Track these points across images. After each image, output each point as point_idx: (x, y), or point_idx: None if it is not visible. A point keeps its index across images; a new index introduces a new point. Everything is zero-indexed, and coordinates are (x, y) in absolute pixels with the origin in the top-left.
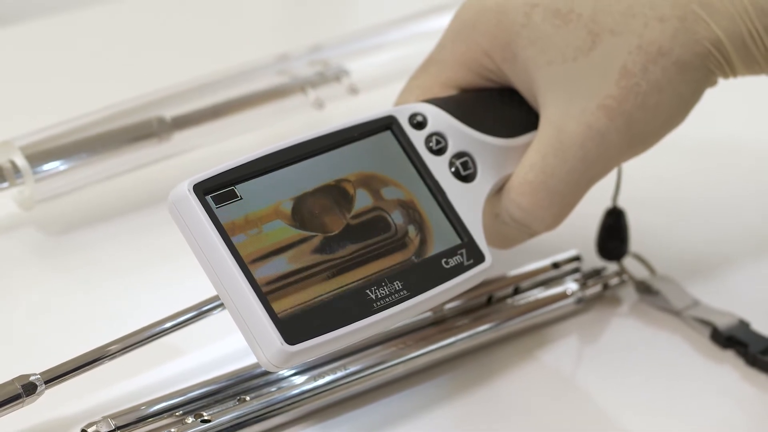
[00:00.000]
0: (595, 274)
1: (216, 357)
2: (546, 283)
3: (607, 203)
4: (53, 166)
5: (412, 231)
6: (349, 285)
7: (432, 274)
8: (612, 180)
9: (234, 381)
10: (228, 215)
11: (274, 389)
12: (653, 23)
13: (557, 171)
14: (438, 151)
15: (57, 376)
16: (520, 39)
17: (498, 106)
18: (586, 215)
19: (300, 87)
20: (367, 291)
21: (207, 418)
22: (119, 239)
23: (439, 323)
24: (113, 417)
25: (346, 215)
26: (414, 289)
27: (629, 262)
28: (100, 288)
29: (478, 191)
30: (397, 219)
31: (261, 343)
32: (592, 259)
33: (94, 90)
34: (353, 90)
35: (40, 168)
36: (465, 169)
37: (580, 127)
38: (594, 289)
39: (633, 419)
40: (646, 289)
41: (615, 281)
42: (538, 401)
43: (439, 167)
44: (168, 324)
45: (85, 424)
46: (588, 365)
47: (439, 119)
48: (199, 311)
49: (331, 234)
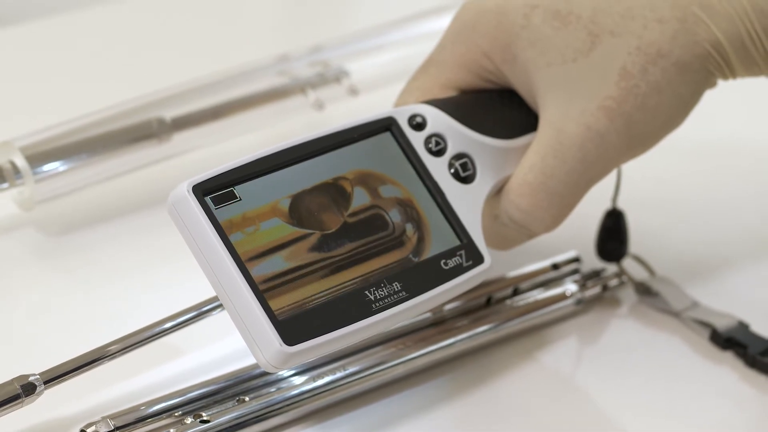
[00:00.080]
0: (595, 275)
1: (215, 357)
2: (545, 285)
3: (607, 204)
4: (53, 166)
5: (409, 229)
6: (347, 284)
7: (431, 275)
8: (611, 181)
9: (233, 381)
10: (227, 216)
11: (273, 390)
12: (653, 24)
13: (556, 172)
14: (437, 153)
15: (56, 376)
16: (519, 40)
17: (497, 107)
18: (585, 216)
19: (300, 88)
20: (366, 292)
21: (206, 418)
22: (119, 240)
23: (439, 324)
24: (112, 417)
25: (343, 213)
26: (413, 290)
27: (629, 263)
28: (100, 288)
29: (477, 192)
30: (395, 217)
31: (260, 344)
32: (591, 261)
33: (94, 90)
34: (353, 91)
35: (40, 169)
36: (464, 171)
37: (579, 128)
38: (593, 291)
39: (632, 420)
40: (645, 291)
41: (614, 282)
42: (537, 402)
43: (439, 168)
44: (167, 324)
45: (85, 424)
46: (587, 366)
47: (439, 120)
48: (199, 312)
49: (329, 232)
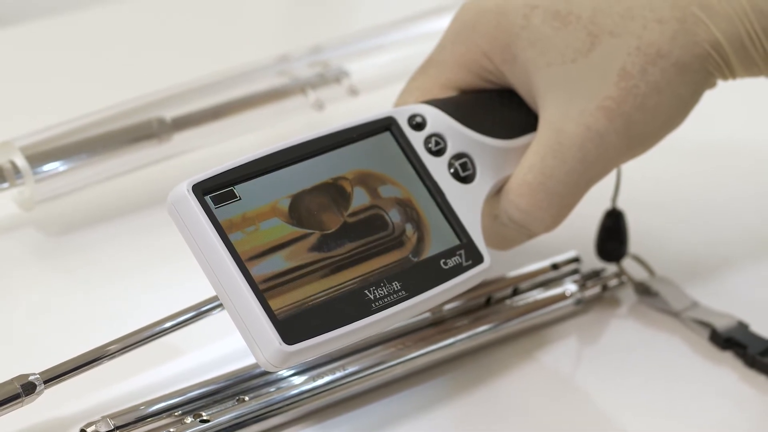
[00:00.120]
0: (594, 275)
1: (215, 357)
2: (545, 284)
3: (607, 204)
4: (53, 166)
5: (409, 229)
6: (347, 283)
7: (431, 274)
8: (611, 181)
9: (233, 381)
10: (227, 215)
11: (273, 389)
12: (652, 25)
13: (556, 172)
14: (437, 152)
15: (56, 375)
16: (519, 40)
17: (497, 107)
18: (585, 216)
19: (300, 88)
20: (366, 291)
21: (206, 418)
22: (119, 240)
23: (438, 324)
24: (112, 417)
25: (343, 213)
26: (412, 290)
27: (628, 263)
28: (100, 288)
29: (477, 192)
30: (395, 217)
31: (259, 343)
32: (591, 261)
33: (94, 90)
34: (353, 91)
35: (40, 168)
36: (464, 170)
37: (579, 129)
38: (593, 291)
39: (632, 420)
40: (645, 291)
41: (614, 282)
42: (537, 402)
43: (438, 168)
44: (167, 324)
45: (84, 423)
46: (587, 366)
47: (439, 120)
48: (199, 311)
49: (328, 232)
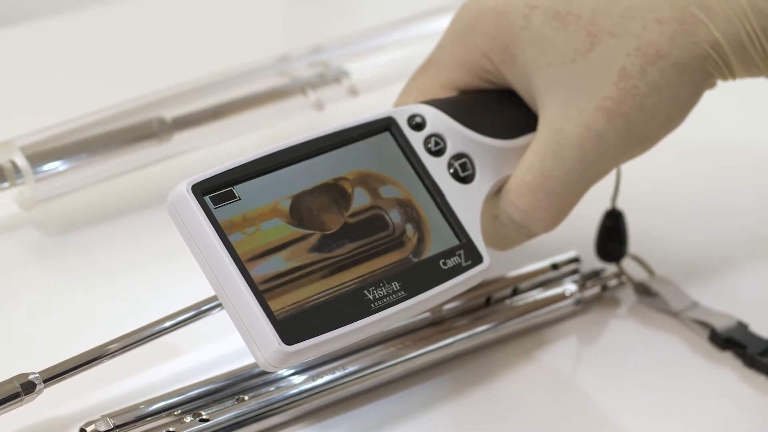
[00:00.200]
0: (594, 275)
1: (215, 356)
2: (545, 284)
3: (606, 205)
4: (53, 166)
5: (409, 230)
6: (347, 284)
7: (430, 274)
8: (611, 181)
9: (232, 380)
10: (226, 215)
11: (272, 389)
12: (652, 25)
13: (555, 172)
14: (437, 153)
15: (56, 375)
16: (519, 41)
17: (497, 107)
18: (584, 216)
19: (300, 88)
20: (365, 291)
21: (205, 417)
22: (119, 240)
23: (438, 324)
24: (112, 416)
25: (343, 213)
26: (412, 290)
27: (628, 263)
28: (100, 288)
29: (476, 192)
30: (395, 218)
31: (259, 343)
32: (590, 261)
33: (94, 90)
34: (353, 91)
35: (40, 168)
36: (463, 171)
37: (578, 129)
38: (593, 291)
39: (632, 420)
40: (644, 291)
41: (614, 283)
42: (536, 402)
43: (438, 168)
44: (167, 323)
45: (84, 423)
46: (587, 366)
47: (438, 120)
48: (198, 311)
49: (329, 232)
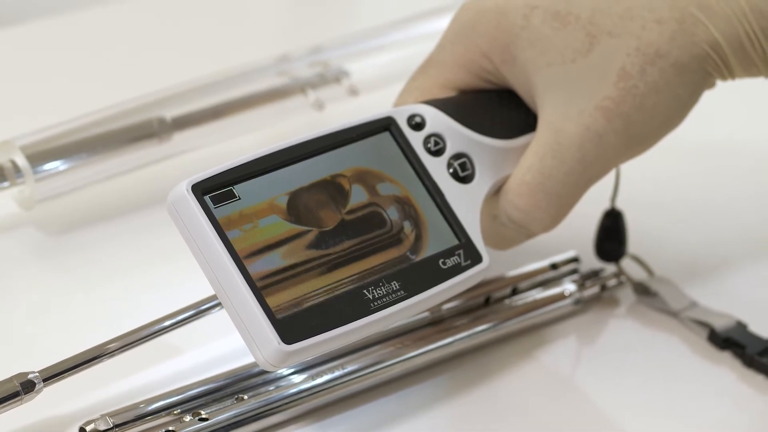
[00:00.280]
0: (593, 275)
1: (214, 356)
2: (544, 284)
3: (606, 204)
4: (53, 165)
5: (407, 227)
6: (345, 281)
7: (429, 274)
8: (610, 181)
9: (232, 380)
10: (225, 215)
11: (272, 388)
12: (651, 25)
13: (555, 172)
14: (436, 152)
15: (55, 374)
16: (519, 41)
17: (496, 107)
18: (584, 216)
19: (300, 88)
20: (365, 291)
21: (205, 416)
22: (119, 239)
23: (438, 323)
24: (111, 415)
25: (341, 210)
26: (411, 290)
27: (627, 263)
28: (99, 288)
29: (476, 192)
30: (393, 215)
31: (258, 343)
32: (590, 261)
33: (94, 90)
34: (353, 91)
35: (40, 168)
36: (463, 170)
37: (578, 129)
38: (592, 290)
39: (631, 420)
40: (644, 291)
41: (613, 282)
42: (536, 401)
43: (437, 168)
44: (166, 323)
45: (84, 422)
46: (586, 366)
47: (438, 120)
48: (198, 310)
49: (327, 229)
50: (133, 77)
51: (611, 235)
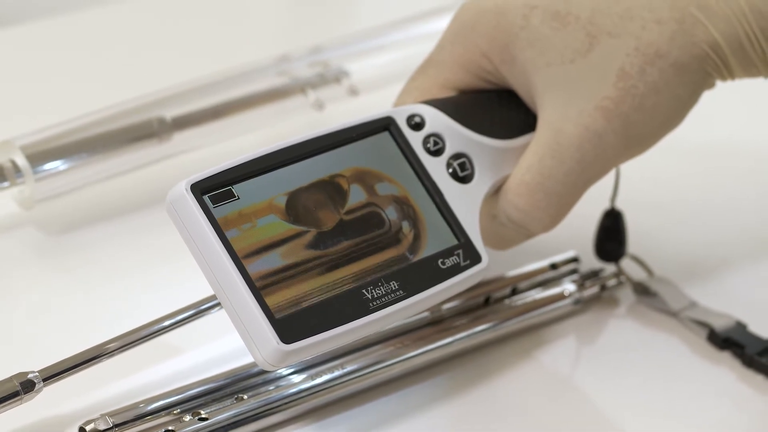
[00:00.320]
0: (593, 275)
1: (214, 356)
2: (544, 284)
3: (605, 205)
4: (53, 165)
5: (406, 227)
6: (344, 281)
7: (428, 274)
8: (610, 181)
9: (231, 379)
10: (224, 214)
11: (271, 388)
12: (651, 25)
13: (554, 172)
14: (435, 152)
15: (55, 373)
16: (518, 41)
17: (496, 107)
18: (584, 216)
19: (300, 88)
20: (364, 290)
21: (204, 416)
22: (119, 239)
23: (437, 323)
24: (111, 415)
25: (340, 210)
26: (410, 289)
27: (627, 263)
28: (99, 288)
29: (475, 192)
30: (391, 215)
31: (257, 342)
32: (589, 261)
33: (94, 90)
34: (353, 91)
35: (40, 167)
36: (462, 170)
37: (577, 129)
38: (592, 291)
39: (631, 420)
40: (643, 291)
41: (612, 282)
42: (535, 401)
43: (437, 168)
44: (166, 322)
45: (84, 421)
46: (586, 366)
47: (437, 120)
48: (197, 310)
49: (325, 229)
50: (133, 77)
51: (611, 235)
